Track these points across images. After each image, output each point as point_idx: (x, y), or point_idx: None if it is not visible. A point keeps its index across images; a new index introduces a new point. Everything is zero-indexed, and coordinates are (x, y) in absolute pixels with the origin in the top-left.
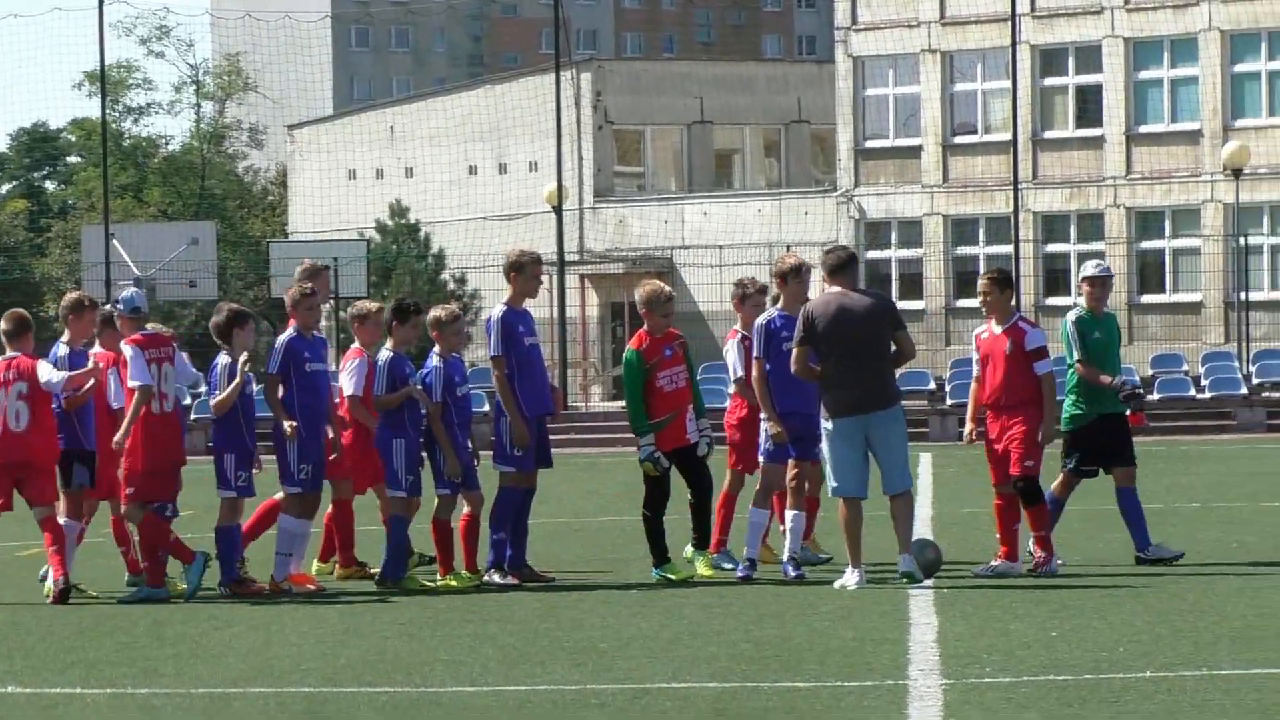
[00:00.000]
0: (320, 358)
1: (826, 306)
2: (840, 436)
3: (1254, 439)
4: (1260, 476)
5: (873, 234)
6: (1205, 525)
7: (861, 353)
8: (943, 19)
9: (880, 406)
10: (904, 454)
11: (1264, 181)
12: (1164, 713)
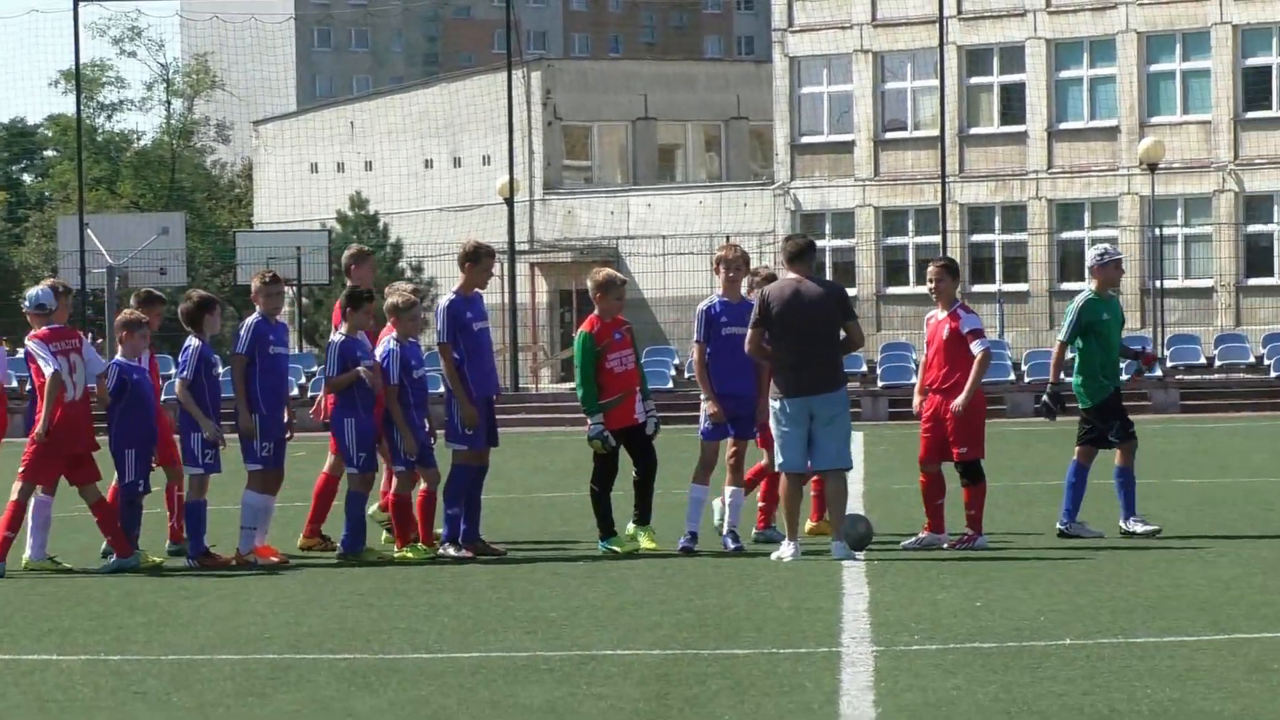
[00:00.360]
0: (283, 342)
1: (782, 291)
2: (788, 415)
3: (1169, 419)
4: (1173, 454)
5: (808, 225)
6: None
7: (812, 337)
8: (874, 21)
9: (827, 389)
10: (845, 434)
11: (1178, 175)
12: (1083, 678)
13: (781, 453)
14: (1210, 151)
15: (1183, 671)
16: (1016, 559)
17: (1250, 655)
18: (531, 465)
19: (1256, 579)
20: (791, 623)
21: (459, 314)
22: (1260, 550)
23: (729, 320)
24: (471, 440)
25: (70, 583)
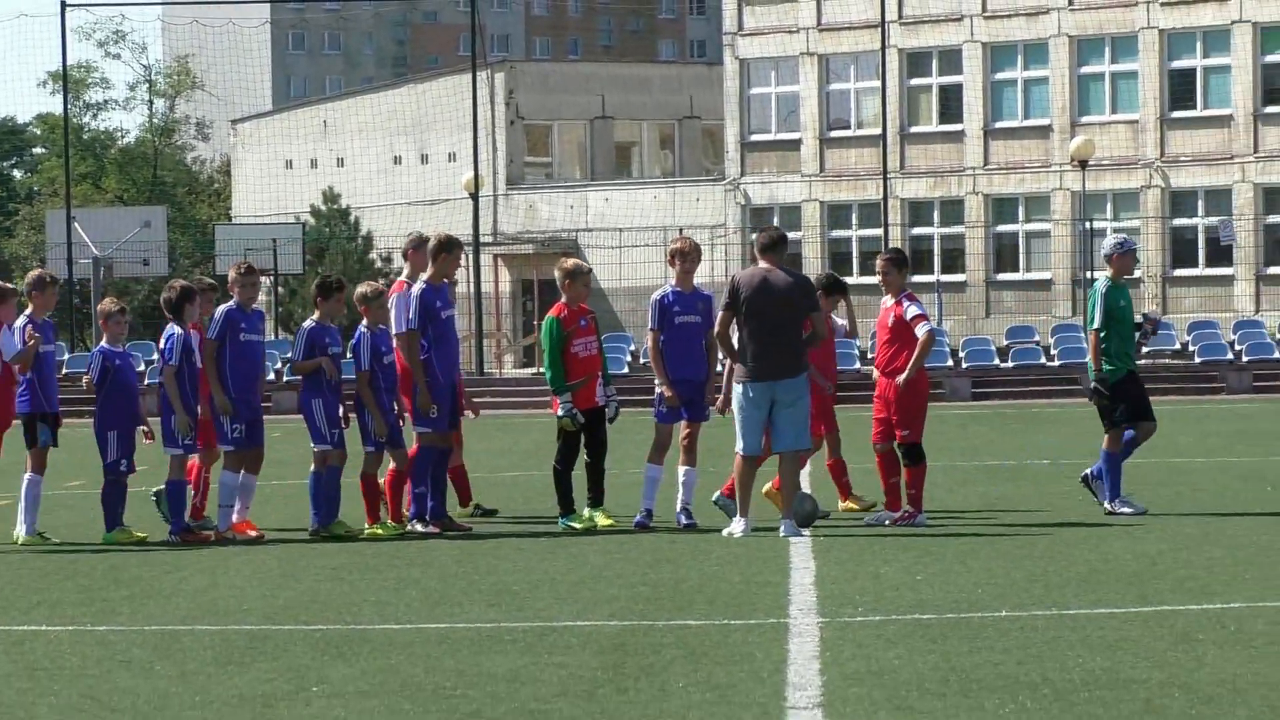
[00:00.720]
0: (255, 329)
1: (752, 279)
2: (750, 399)
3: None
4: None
5: (757, 218)
6: (1054, 480)
7: (776, 324)
8: (819, 25)
9: (789, 375)
10: (803, 418)
11: (1107, 172)
12: (1018, 648)
13: (742, 435)
14: (1138, 149)
15: (1112, 642)
16: (955, 535)
17: (1176, 626)
18: (496, 446)
19: (1181, 554)
20: (742, 595)
21: (430, 303)
22: (1185, 527)
23: (681, 309)
24: (437, 423)
25: (59, 558)
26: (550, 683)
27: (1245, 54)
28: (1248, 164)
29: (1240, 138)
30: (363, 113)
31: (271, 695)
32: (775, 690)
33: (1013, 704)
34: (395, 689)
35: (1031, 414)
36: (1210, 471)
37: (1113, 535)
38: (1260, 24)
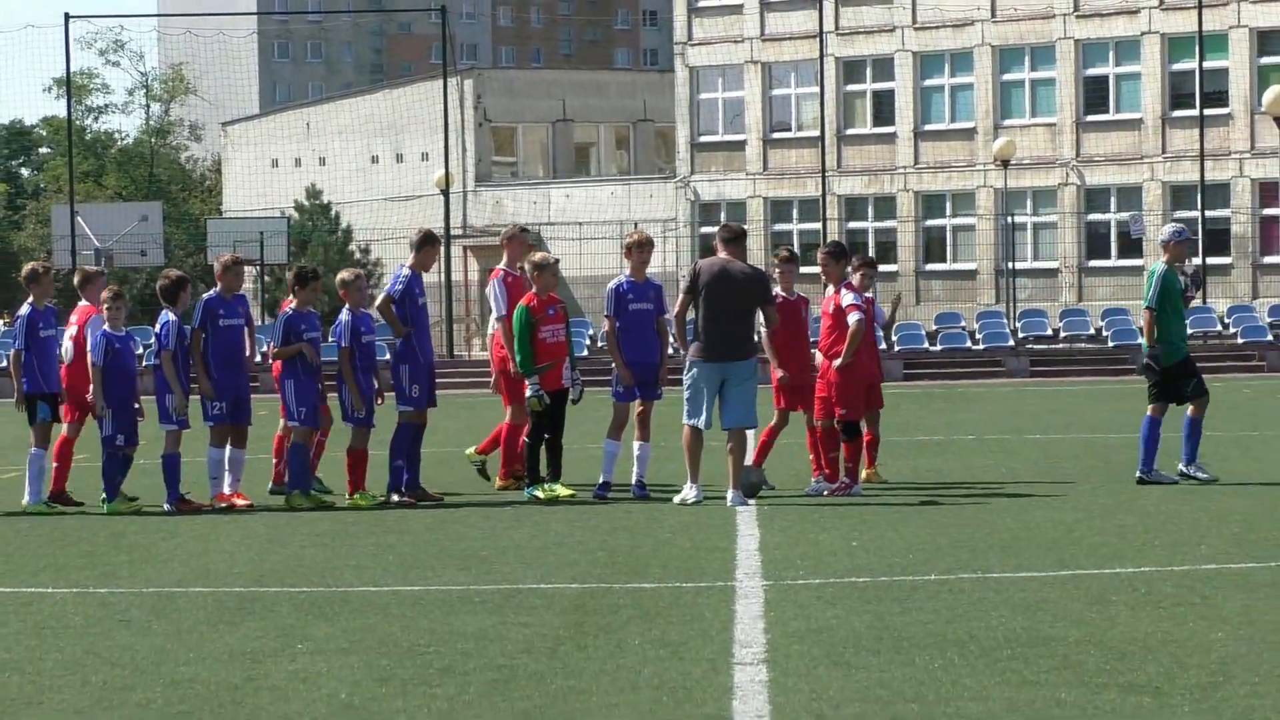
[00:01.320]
0: (235, 314)
1: (712, 267)
2: (702, 377)
3: (1020, 383)
4: (1024, 414)
5: (705, 213)
6: (979, 454)
7: (732, 311)
8: (763, 36)
9: (740, 357)
10: (750, 398)
11: (1027, 170)
12: (946, 609)
13: (689, 408)
14: (1055, 150)
15: (1032, 603)
16: (887, 505)
17: (1091, 589)
18: (464, 423)
19: (1096, 522)
20: (692, 560)
21: (411, 287)
22: (1099, 497)
23: (635, 297)
24: (416, 401)
25: (63, 524)
26: (516, 641)
27: (1154, 63)
28: (1156, 164)
29: (1149, 140)
30: (342, 116)
31: (259, 652)
32: (723, 647)
33: (941, 659)
34: (373, 646)
35: (958, 393)
36: (1122, 447)
37: (1033, 505)
38: (1168, 35)
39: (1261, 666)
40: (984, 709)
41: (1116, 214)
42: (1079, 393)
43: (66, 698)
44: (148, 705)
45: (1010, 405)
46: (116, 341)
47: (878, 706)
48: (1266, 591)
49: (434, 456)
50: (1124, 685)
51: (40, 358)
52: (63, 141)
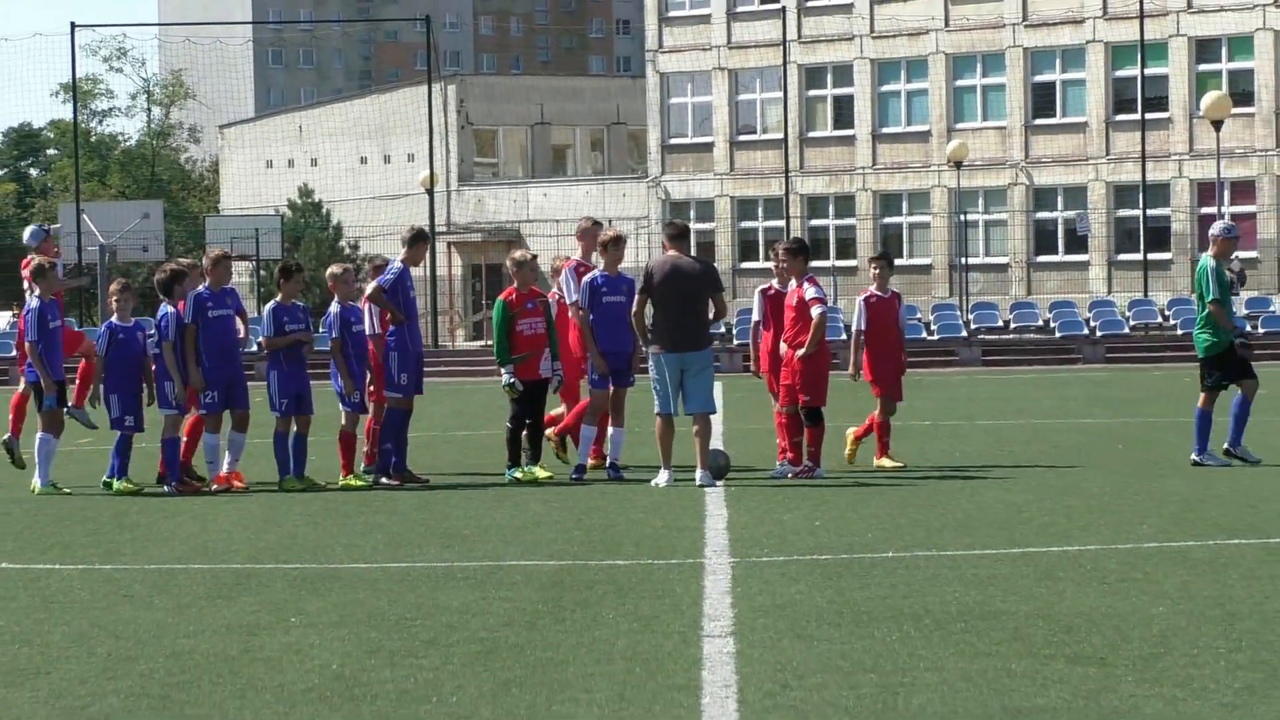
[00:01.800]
0: (224, 305)
1: (663, 265)
2: (663, 368)
3: (972, 371)
4: (976, 401)
5: (676, 212)
6: (934, 439)
7: (685, 304)
8: (729, 44)
9: (695, 348)
10: (709, 385)
11: (979, 171)
12: (903, 584)
13: (657, 399)
14: (1005, 152)
15: (984, 578)
16: (848, 486)
17: (1040, 565)
18: (448, 409)
19: (1045, 503)
20: (663, 539)
21: (402, 280)
22: (1047, 479)
23: (609, 290)
24: (404, 389)
25: (69, 505)
26: (497, 614)
27: (1098, 69)
28: (1100, 165)
29: (1094, 142)
30: (333, 119)
31: (255, 625)
32: (693, 621)
33: (898, 632)
34: (362, 620)
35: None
36: (1069, 432)
37: (985, 487)
38: (1111, 43)
39: (1200, 639)
40: (939, 678)
41: (1063, 212)
42: (1028, 381)
43: (73, 668)
44: (150, 675)
45: (963, 393)
46: (121, 332)
47: (839, 676)
48: (1204, 568)
49: (420, 441)
50: (1071, 656)
51: (48, 348)
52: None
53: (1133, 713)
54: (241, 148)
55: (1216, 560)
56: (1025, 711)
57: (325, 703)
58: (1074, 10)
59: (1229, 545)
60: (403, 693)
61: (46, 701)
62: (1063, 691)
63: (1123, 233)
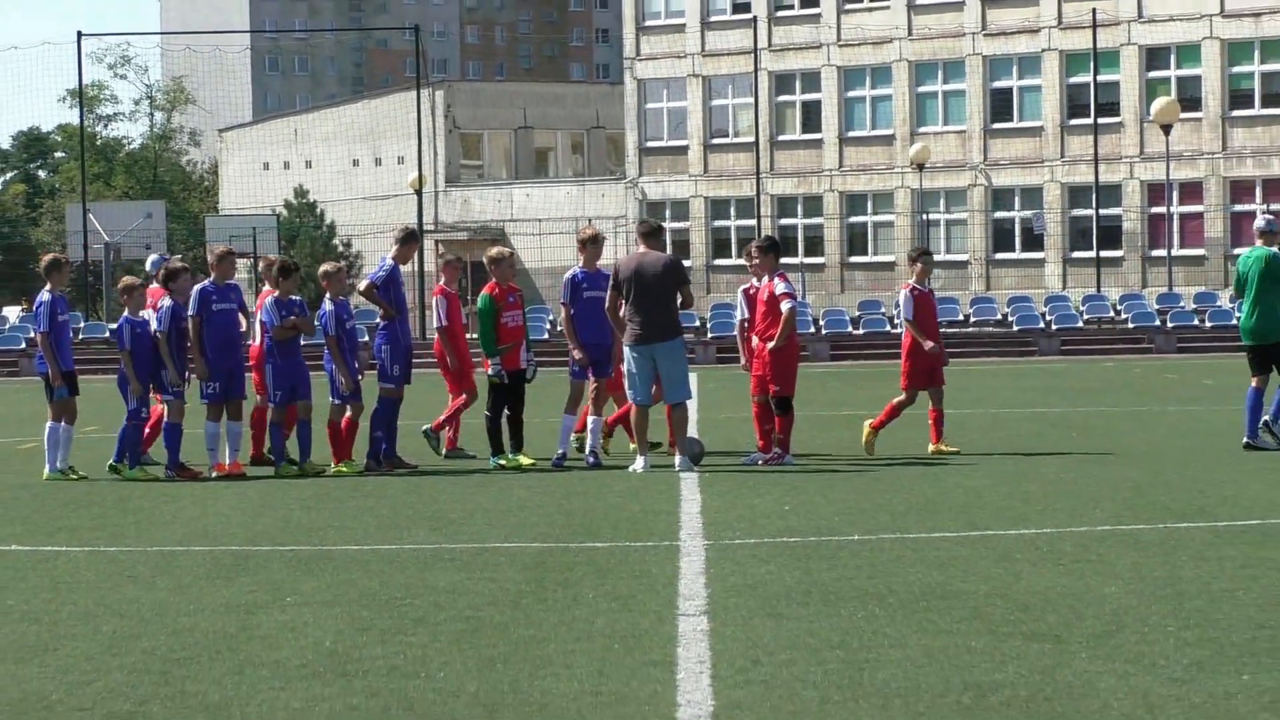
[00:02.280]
0: (227, 299)
1: (630, 262)
2: (635, 360)
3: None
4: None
5: (652, 211)
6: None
7: (652, 299)
8: (703, 52)
9: (664, 339)
10: (682, 374)
11: (940, 173)
12: (868, 565)
13: (631, 389)
14: (965, 154)
15: (945, 560)
16: (817, 472)
17: (998, 548)
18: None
19: (1002, 488)
20: (640, 522)
21: (394, 277)
22: (1005, 465)
23: (589, 286)
24: (396, 380)
25: (75, 490)
26: (483, 594)
27: (1053, 76)
28: (1056, 167)
29: (1049, 145)
30: (327, 123)
31: (253, 604)
32: (669, 600)
33: (864, 611)
34: (354, 599)
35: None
36: (1026, 420)
37: (946, 473)
38: (1065, 51)
39: (1150, 617)
40: (902, 655)
41: (1020, 212)
42: (987, 372)
43: (80, 645)
44: (152, 652)
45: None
46: (138, 326)
47: (807, 653)
48: (1154, 550)
49: (409, 429)
50: (1027, 634)
51: (57, 339)
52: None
53: (1086, 687)
54: (239, 150)
55: (1166, 543)
56: (984, 686)
57: (319, 678)
58: (1030, 20)
59: (1178, 529)
60: (392, 668)
61: (54, 676)
62: (1020, 667)
63: (1077, 231)
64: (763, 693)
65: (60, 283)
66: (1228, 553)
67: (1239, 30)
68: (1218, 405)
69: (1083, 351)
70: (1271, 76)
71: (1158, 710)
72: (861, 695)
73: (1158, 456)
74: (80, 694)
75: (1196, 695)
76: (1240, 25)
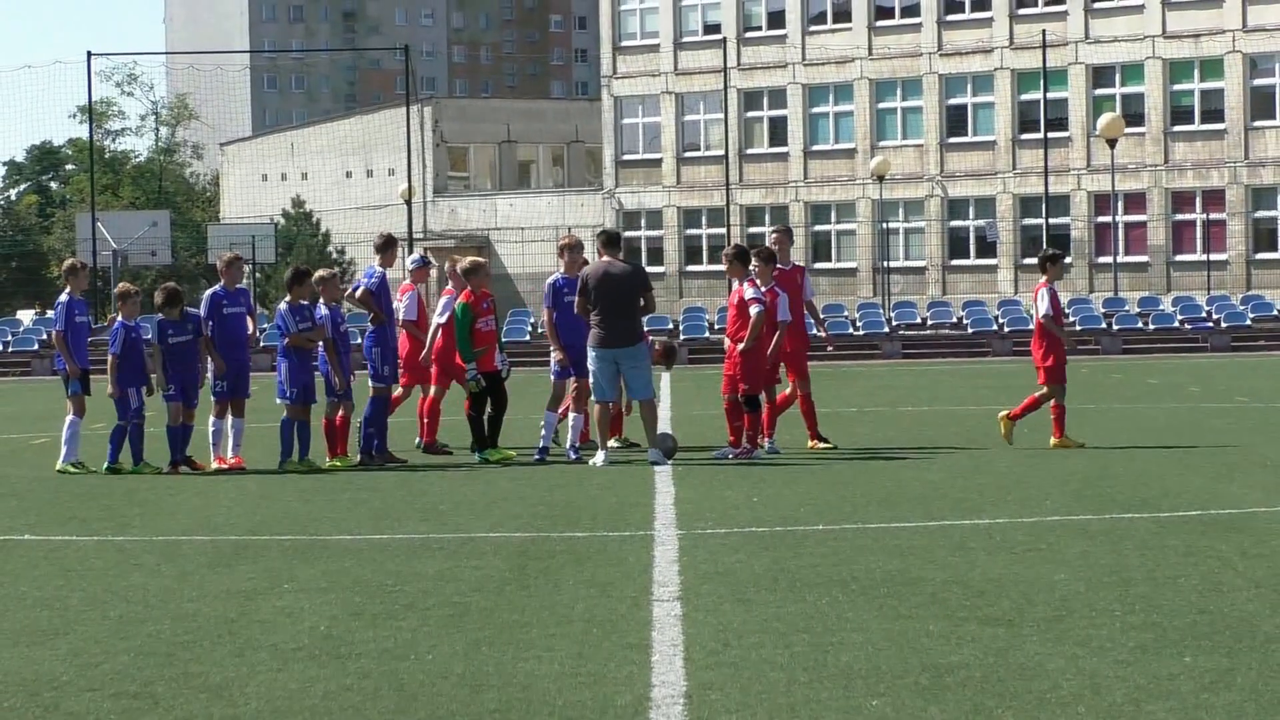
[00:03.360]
0: (237, 303)
1: (596, 270)
2: (599, 361)
3: (894, 363)
4: (897, 390)
5: (629, 220)
6: (859, 424)
7: (617, 305)
8: (676, 71)
9: (627, 345)
10: (645, 377)
11: (899, 184)
12: (831, 554)
13: (594, 388)
14: (923, 167)
15: (904, 549)
16: (783, 465)
17: (954, 537)
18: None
19: (958, 481)
20: (617, 513)
21: (384, 283)
22: (960, 460)
23: (569, 291)
24: (387, 379)
25: (85, 483)
26: (469, 581)
27: (1005, 94)
28: (1008, 178)
29: (1002, 158)
30: (322, 137)
31: (252, 590)
32: (644, 586)
33: (828, 596)
34: (348, 585)
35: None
36: (980, 417)
37: (905, 466)
38: (1017, 70)
39: (1098, 603)
40: (864, 638)
41: (974, 221)
42: (943, 372)
43: (89, 629)
44: (157, 636)
45: (885, 382)
46: (132, 331)
47: (775, 636)
48: (1101, 539)
49: (399, 425)
50: (982, 618)
51: (75, 339)
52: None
53: (1037, 669)
54: (240, 163)
55: (1113, 533)
56: (941, 668)
57: (314, 660)
58: (984, 41)
59: (1124, 519)
60: (384, 651)
61: (65, 659)
62: (975, 650)
63: (1028, 239)
64: (732, 674)
65: (79, 286)
66: (1170, 542)
67: (1180, 50)
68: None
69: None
70: (1210, 94)
71: (1104, 690)
72: (826, 676)
73: (1104, 452)
74: (90, 675)
75: (1141, 676)
76: (1181, 46)
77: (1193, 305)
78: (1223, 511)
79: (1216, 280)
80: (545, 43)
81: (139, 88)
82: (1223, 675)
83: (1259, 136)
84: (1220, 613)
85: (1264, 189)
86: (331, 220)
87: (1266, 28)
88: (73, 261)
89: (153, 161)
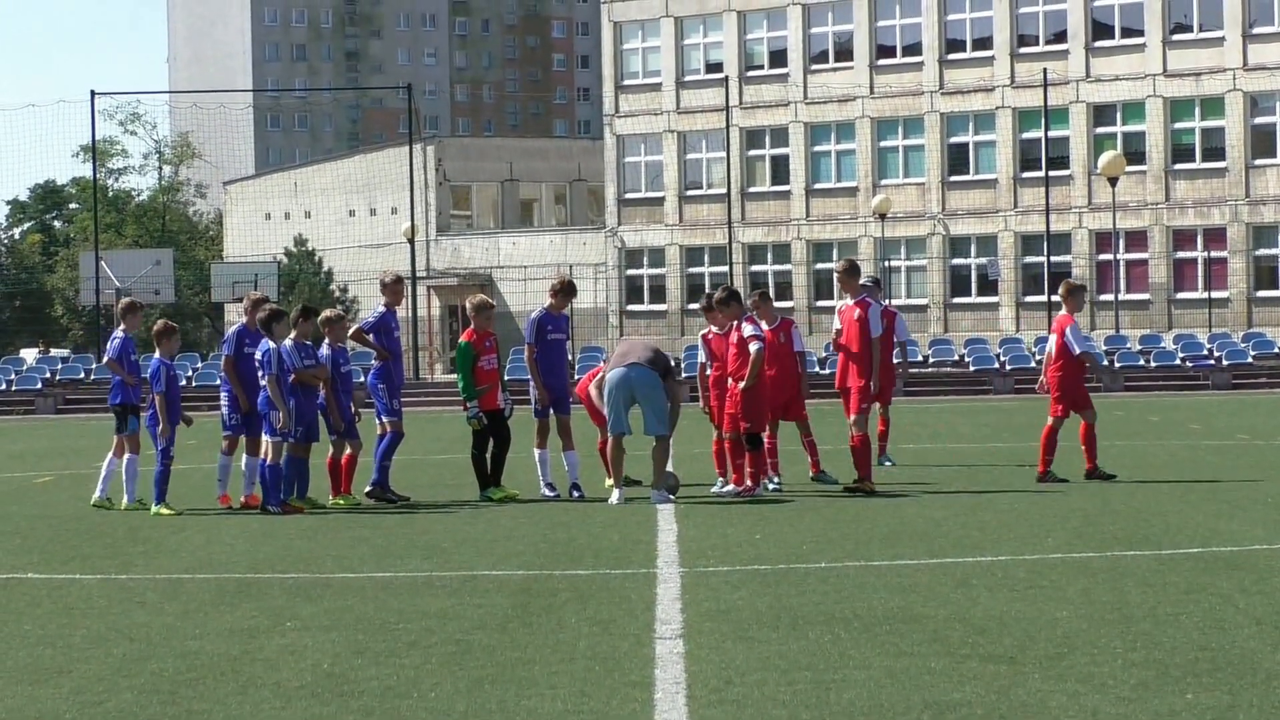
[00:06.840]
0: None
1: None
2: (612, 385)
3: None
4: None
5: (630, 259)
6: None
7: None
8: (678, 109)
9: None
10: (662, 409)
11: (901, 222)
12: (834, 591)
13: (610, 422)
14: (925, 205)
15: (907, 585)
16: (785, 503)
17: (956, 574)
18: (429, 435)
19: (960, 518)
20: (620, 550)
21: (387, 322)
22: (961, 498)
23: (553, 329)
24: (398, 413)
25: (89, 521)
26: (472, 619)
27: (1007, 132)
28: (1009, 216)
29: (1003, 196)
30: (325, 176)
31: (255, 628)
32: (646, 624)
33: (830, 634)
34: (351, 623)
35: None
36: (981, 454)
37: (906, 503)
38: (1018, 109)
39: (1099, 640)
40: (866, 675)
41: (976, 259)
42: (945, 409)
43: (92, 667)
44: (160, 674)
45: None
46: (171, 369)
47: (777, 674)
48: (1103, 576)
49: (403, 463)
50: (984, 655)
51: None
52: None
53: (1039, 706)
54: (243, 202)
55: (1114, 569)
56: (944, 705)
57: (317, 698)
58: (985, 79)
59: (1125, 556)
60: (386, 689)
61: (68, 697)
62: (977, 687)
63: (1029, 277)
64: (735, 711)
65: (134, 325)
66: (1172, 579)
67: (1180, 89)
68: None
69: (1035, 391)
70: (1211, 132)
71: None
72: (828, 714)
73: (1106, 488)
74: (92, 714)
75: (1143, 714)
76: (1182, 84)
77: (1194, 343)
78: (1224, 549)
79: (1218, 318)
80: (548, 82)
81: (142, 126)
82: (1224, 712)
83: (1260, 175)
84: (1222, 650)
85: (1265, 227)
86: (334, 259)
87: (1267, 66)
88: (130, 300)
89: (156, 200)
